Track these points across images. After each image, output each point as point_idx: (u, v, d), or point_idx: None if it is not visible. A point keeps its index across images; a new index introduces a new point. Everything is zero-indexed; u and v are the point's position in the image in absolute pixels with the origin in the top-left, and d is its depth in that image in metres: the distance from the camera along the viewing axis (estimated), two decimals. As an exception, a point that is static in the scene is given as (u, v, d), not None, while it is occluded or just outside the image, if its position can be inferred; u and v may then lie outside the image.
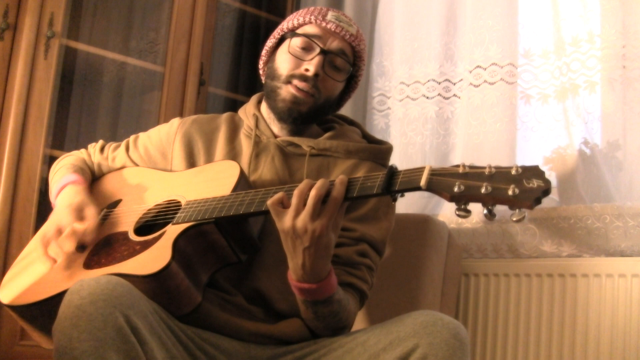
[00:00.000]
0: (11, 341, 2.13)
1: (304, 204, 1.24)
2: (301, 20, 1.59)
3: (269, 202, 1.26)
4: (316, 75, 1.54)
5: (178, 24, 2.56)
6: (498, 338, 2.14)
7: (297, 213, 1.24)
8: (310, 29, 1.58)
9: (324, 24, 1.57)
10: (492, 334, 2.16)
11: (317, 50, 1.55)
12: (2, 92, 2.23)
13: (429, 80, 2.50)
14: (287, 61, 1.57)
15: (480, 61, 2.31)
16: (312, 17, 1.58)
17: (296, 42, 1.57)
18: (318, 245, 1.26)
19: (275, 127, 1.62)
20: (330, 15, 1.58)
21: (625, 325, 1.89)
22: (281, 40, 1.63)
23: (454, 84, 2.46)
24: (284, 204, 1.27)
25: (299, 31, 1.58)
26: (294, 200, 1.25)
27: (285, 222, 1.26)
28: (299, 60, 1.56)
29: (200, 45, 2.58)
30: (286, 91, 1.56)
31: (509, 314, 2.13)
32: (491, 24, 2.30)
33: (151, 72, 2.60)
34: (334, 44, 1.57)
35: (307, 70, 1.54)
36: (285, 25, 1.62)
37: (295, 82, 1.55)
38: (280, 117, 1.58)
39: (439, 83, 2.48)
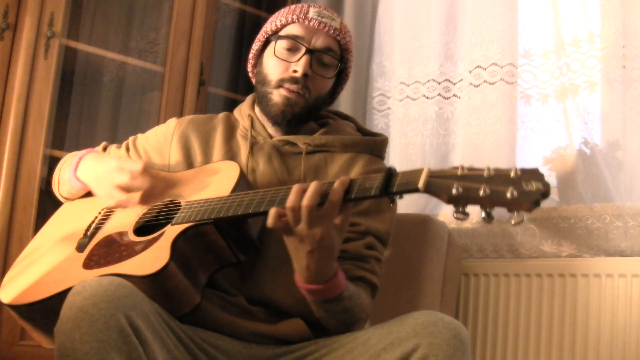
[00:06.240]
0: (11, 341, 2.13)
1: (300, 214, 1.24)
2: (284, 20, 1.59)
3: (270, 223, 1.25)
4: (305, 75, 1.54)
5: (178, 24, 2.56)
6: (498, 338, 2.14)
7: (296, 222, 1.25)
8: (294, 29, 1.57)
9: (306, 22, 1.57)
10: (492, 334, 2.16)
11: (303, 50, 1.55)
12: (2, 92, 2.23)
13: (429, 80, 2.50)
14: (275, 65, 1.57)
15: (480, 61, 2.31)
16: (294, 17, 1.58)
17: (281, 44, 1.57)
18: (321, 248, 1.26)
19: (270, 128, 1.62)
20: (311, 12, 1.58)
21: (625, 325, 1.89)
22: (266, 42, 1.63)
23: (454, 84, 2.46)
24: (282, 216, 1.26)
25: (282, 33, 1.58)
26: (288, 214, 1.24)
27: (285, 230, 1.26)
28: (286, 62, 1.56)
29: (200, 45, 2.58)
30: (278, 95, 1.56)
31: (509, 314, 2.13)
32: (491, 24, 2.30)
33: (151, 72, 2.60)
34: (319, 42, 1.56)
35: (295, 71, 1.54)
36: (269, 27, 1.62)
37: (287, 85, 1.55)
38: (275, 120, 1.58)
39: (439, 83, 2.48)
